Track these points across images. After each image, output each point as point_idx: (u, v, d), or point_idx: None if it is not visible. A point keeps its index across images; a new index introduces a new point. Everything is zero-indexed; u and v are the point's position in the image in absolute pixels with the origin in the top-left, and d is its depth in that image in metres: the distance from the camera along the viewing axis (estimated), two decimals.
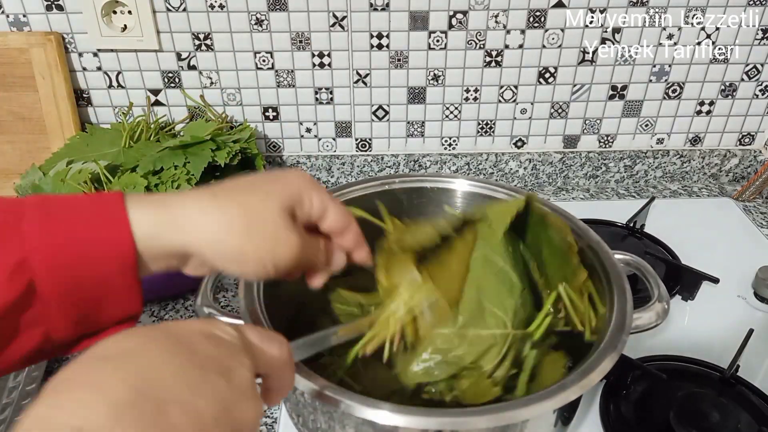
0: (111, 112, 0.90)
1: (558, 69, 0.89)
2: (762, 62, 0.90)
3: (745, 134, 0.97)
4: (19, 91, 0.84)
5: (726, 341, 0.65)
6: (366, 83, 0.88)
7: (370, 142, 0.94)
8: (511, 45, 0.86)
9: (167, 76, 0.87)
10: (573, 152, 0.96)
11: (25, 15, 0.82)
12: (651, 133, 0.96)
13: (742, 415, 0.57)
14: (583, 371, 0.44)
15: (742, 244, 0.84)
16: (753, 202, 0.93)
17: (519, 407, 0.42)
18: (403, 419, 0.41)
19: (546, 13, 0.84)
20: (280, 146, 0.94)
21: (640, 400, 0.59)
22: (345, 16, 0.83)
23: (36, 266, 0.35)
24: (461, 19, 0.84)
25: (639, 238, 0.82)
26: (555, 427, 0.50)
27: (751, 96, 0.93)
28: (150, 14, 0.81)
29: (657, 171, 0.98)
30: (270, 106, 0.90)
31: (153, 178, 0.74)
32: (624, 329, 0.48)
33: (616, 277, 0.53)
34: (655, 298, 0.54)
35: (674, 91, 0.92)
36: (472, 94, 0.90)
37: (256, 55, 0.86)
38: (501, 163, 0.95)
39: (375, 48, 0.85)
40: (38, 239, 0.35)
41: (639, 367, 0.59)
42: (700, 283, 0.73)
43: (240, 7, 0.82)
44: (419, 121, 0.92)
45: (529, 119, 0.93)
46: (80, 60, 0.85)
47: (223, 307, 0.69)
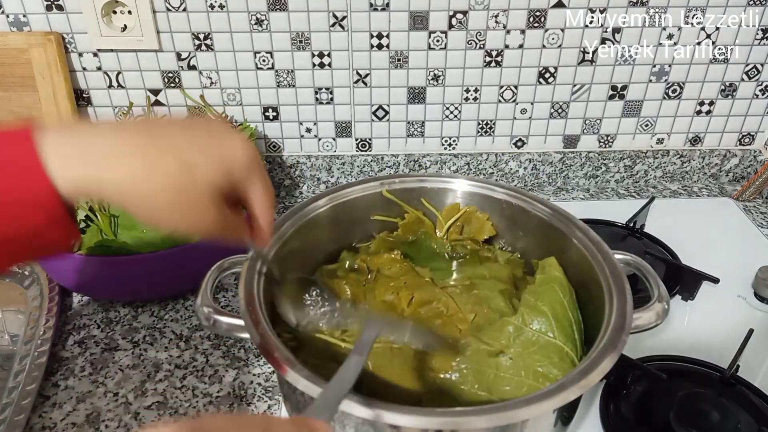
0: (111, 112, 0.90)
1: (558, 69, 0.89)
2: (762, 62, 0.90)
3: (745, 134, 0.97)
4: (19, 91, 0.84)
5: (726, 341, 0.65)
6: (366, 83, 0.88)
7: (370, 142, 0.94)
8: (511, 45, 0.86)
9: (167, 76, 0.87)
10: (573, 152, 0.96)
11: (25, 15, 0.82)
12: (651, 133, 0.96)
13: (742, 415, 0.57)
14: (583, 371, 0.44)
15: (742, 244, 0.84)
16: (753, 202, 0.93)
17: (519, 407, 0.42)
18: (403, 419, 0.41)
19: (546, 13, 0.84)
20: (280, 146, 0.94)
21: (640, 400, 0.59)
22: (345, 16, 0.83)
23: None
24: (461, 19, 0.84)
25: (639, 238, 0.82)
26: (555, 427, 0.50)
27: (751, 96, 0.93)
28: (150, 14, 0.81)
29: (657, 171, 0.98)
30: (270, 106, 0.90)
31: None
32: (624, 329, 0.48)
33: (616, 277, 0.53)
34: (655, 298, 0.54)
35: (674, 91, 0.92)
36: (472, 94, 0.90)
37: (256, 55, 0.86)
38: (501, 163, 0.95)
39: (375, 48, 0.85)
40: None
41: (639, 367, 0.59)
42: (700, 283, 0.73)
43: (240, 7, 0.82)
44: (419, 121, 0.92)
45: (529, 119, 0.93)
46: (80, 60, 0.85)
47: (223, 307, 0.69)
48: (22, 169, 0.35)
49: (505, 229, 0.66)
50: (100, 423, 0.59)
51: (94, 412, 0.60)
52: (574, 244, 0.58)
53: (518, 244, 0.66)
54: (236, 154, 0.41)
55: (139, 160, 0.38)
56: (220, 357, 0.66)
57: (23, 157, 0.36)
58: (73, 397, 0.61)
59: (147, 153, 0.38)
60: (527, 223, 0.64)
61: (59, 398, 0.61)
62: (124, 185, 0.38)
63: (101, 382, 0.63)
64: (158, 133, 0.40)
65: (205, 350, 0.67)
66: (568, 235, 0.59)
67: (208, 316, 0.51)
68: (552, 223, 0.61)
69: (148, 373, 0.64)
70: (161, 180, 0.38)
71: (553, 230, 0.61)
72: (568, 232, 0.59)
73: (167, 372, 0.64)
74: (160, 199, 0.39)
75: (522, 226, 0.64)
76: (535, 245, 0.64)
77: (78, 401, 0.61)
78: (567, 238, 0.59)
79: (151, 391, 0.62)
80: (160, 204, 0.39)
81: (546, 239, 0.62)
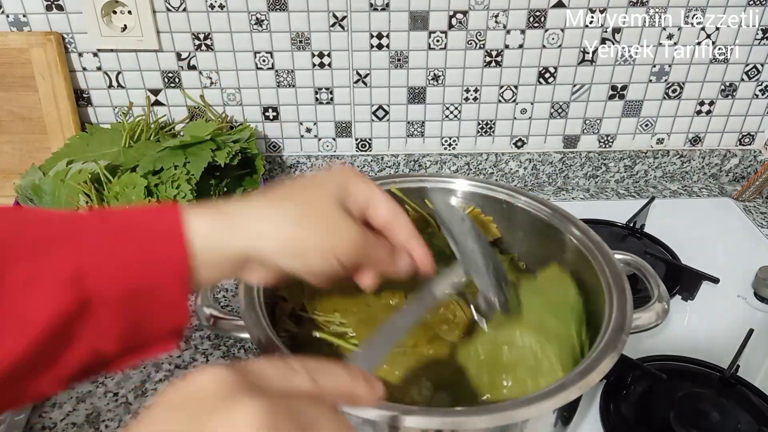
0: (111, 112, 0.90)
1: (558, 69, 0.89)
2: (762, 62, 0.90)
3: (745, 134, 0.97)
4: (19, 91, 0.84)
5: (726, 341, 0.64)
6: (366, 83, 0.88)
7: (370, 142, 0.94)
8: (511, 45, 0.86)
9: (167, 76, 0.87)
10: (573, 152, 0.96)
11: (25, 15, 0.82)
12: (651, 133, 0.96)
13: (742, 415, 0.57)
14: (583, 371, 0.44)
15: (742, 244, 0.84)
16: (753, 202, 0.93)
17: (519, 407, 0.42)
18: (403, 419, 0.41)
19: (546, 13, 0.84)
20: (280, 146, 0.94)
21: (640, 400, 0.59)
22: (345, 16, 0.83)
23: (91, 276, 0.34)
24: (461, 19, 0.84)
25: (639, 238, 0.82)
26: (555, 427, 0.50)
27: (751, 96, 0.93)
28: (150, 14, 0.81)
29: (657, 171, 0.98)
30: (270, 106, 0.90)
31: (153, 178, 0.74)
32: (624, 329, 0.48)
33: (616, 277, 0.53)
34: (655, 298, 0.54)
35: (674, 91, 0.92)
36: (472, 94, 0.90)
37: (256, 55, 0.86)
38: (501, 163, 0.95)
39: (375, 48, 0.85)
40: (95, 249, 0.35)
41: (639, 367, 0.59)
42: (700, 283, 0.72)
43: (240, 7, 0.82)
44: (419, 121, 0.92)
45: (529, 119, 0.93)
46: (80, 60, 0.85)
47: (223, 307, 0.69)
48: (162, 231, 0.37)
49: (505, 230, 0.66)
50: (100, 423, 0.59)
51: (94, 412, 0.60)
52: (574, 244, 0.58)
53: (518, 244, 0.66)
54: (338, 171, 0.43)
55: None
56: (220, 357, 0.66)
57: (168, 222, 0.37)
58: (73, 397, 0.61)
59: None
60: (527, 224, 0.63)
61: (59, 398, 0.61)
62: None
63: (101, 382, 0.63)
64: (272, 194, 0.42)
65: (205, 350, 0.67)
66: (568, 235, 0.59)
67: (208, 317, 0.51)
68: (552, 223, 0.61)
69: (148, 373, 0.64)
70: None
71: (553, 230, 0.61)
72: (568, 233, 0.59)
73: (167, 372, 0.64)
74: (291, 231, 0.40)
75: (522, 227, 0.64)
76: (535, 245, 0.64)
77: (78, 401, 0.61)
78: (567, 239, 0.59)
79: (151, 391, 0.62)
80: (295, 235, 0.40)
81: (546, 239, 0.62)
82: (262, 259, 0.40)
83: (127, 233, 0.36)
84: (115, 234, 0.36)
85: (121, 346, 0.37)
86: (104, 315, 0.35)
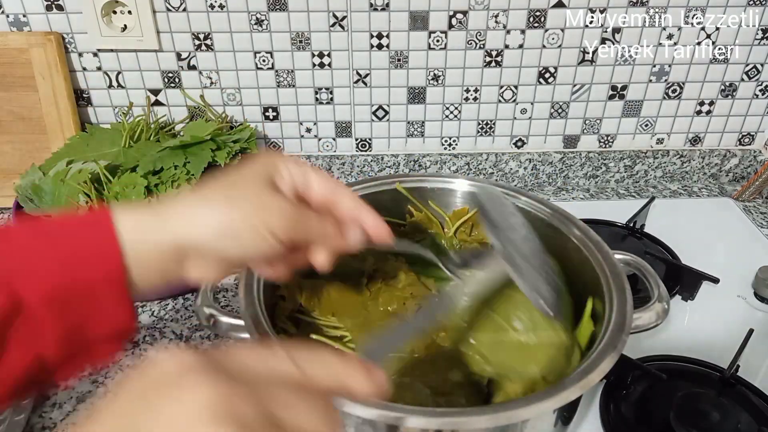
0: (111, 112, 0.90)
1: (558, 69, 0.89)
2: (762, 62, 0.90)
3: (745, 134, 0.97)
4: (19, 91, 0.84)
5: (726, 341, 0.64)
6: (366, 83, 0.88)
7: (370, 142, 0.94)
8: (511, 45, 0.86)
9: (167, 76, 0.87)
10: (573, 152, 0.96)
11: (25, 15, 0.82)
12: (651, 133, 0.96)
13: (742, 415, 0.57)
14: (583, 371, 0.44)
15: (742, 244, 0.84)
16: (753, 202, 0.93)
17: (519, 407, 0.42)
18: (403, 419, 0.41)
19: (546, 13, 0.84)
20: (280, 146, 0.94)
21: (640, 400, 0.59)
22: (345, 16, 0.83)
23: (20, 277, 0.34)
24: (461, 19, 0.84)
25: (639, 238, 0.82)
26: (555, 427, 0.50)
27: (751, 96, 0.93)
28: (150, 14, 0.81)
29: (657, 171, 0.98)
30: (270, 106, 0.90)
31: (153, 178, 0.74)
32: (624, 329, 0.48)
33: (616, 277, 0.53)
34: (655, 298, 0.54)
35: (674, 91, 0.92)
36: (472, 94, 0.90)
37: (256, 55, 0.86)
38: (501, 163, 0.95)
39: (375, 48, 0.85)
40: (23, 250, 0.35)
41: (639, 367, 0.59)
42: (700, 283, 0.72)
43: (240, 7, 0.82)
44: (419, 121, 0.92)
45: (529, 119, 0.93)
46: (80, 60, 0.85)
47: (223, 307, 0.69)
48: (91, 231, 0.37)
49: None
50: None
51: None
52: (574, 244, 0.58)
53: None
54: (266, 156, 0.43)
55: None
56: None
57: (97, 222, 0.37)
58: (73, 397, 0.61)
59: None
60: None
61: (59, 398, 0.61)
62: None
63: (101, 382, 0.63)
64: (199, 186, 0.41)
65: (205, 350, 0.67)
66: (568, 235, 0.59)
67: (208, 317, 0.51)
68: (552, 223, 0.61)
69: None
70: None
71: (552, 230, 0.61)
72: (568, 232, 0.59)
73: None
74: (221, 213, 0.39)
75: None
76: None
77: (78, 401, 0.61)
78: (567, 238, 0.59)
79: None
80: (225, 216, 0.39)
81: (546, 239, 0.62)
82: (197, 248, 0.39)
83: (56, 234, 0.36)
84: (45, 235, 0.36)
85: (63, 351, 0.36)
86: (40, 316, 0.35)
